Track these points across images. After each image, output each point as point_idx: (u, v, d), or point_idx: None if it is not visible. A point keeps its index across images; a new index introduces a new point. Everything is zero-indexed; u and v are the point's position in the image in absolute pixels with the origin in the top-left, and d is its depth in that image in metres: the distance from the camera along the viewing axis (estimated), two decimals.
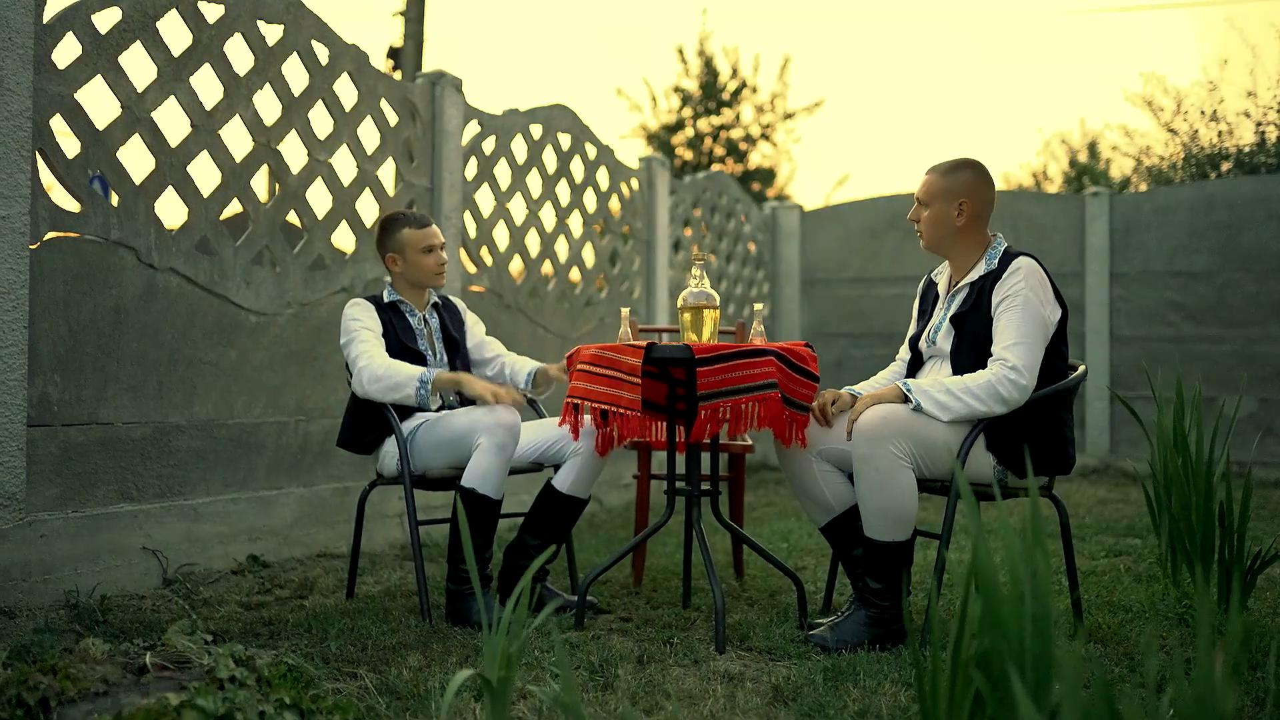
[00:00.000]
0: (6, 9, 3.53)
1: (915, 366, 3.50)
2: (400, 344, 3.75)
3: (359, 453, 3.74)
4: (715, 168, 16.14)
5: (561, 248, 6.48)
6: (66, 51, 3.78)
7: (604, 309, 6.83)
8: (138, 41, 4.00)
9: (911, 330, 3.60)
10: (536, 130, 6.19)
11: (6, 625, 3.36)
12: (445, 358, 3.90)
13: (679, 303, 3.40)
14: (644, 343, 3.18)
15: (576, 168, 6.58)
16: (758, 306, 3.46)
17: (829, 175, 40.20)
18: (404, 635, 3.25)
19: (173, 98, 4.15)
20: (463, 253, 5.64)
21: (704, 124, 16.97)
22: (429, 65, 16.68)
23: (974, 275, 3.31)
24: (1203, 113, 10.71)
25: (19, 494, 3.58)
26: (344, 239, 4.98)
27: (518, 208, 6.09)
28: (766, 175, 16.84)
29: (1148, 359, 8.14)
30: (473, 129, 5.70)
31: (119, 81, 3.94)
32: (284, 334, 4.60)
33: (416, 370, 3.53)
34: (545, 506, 3.65)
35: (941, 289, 3.46)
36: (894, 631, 3.18)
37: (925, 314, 3.52)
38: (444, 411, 3.64)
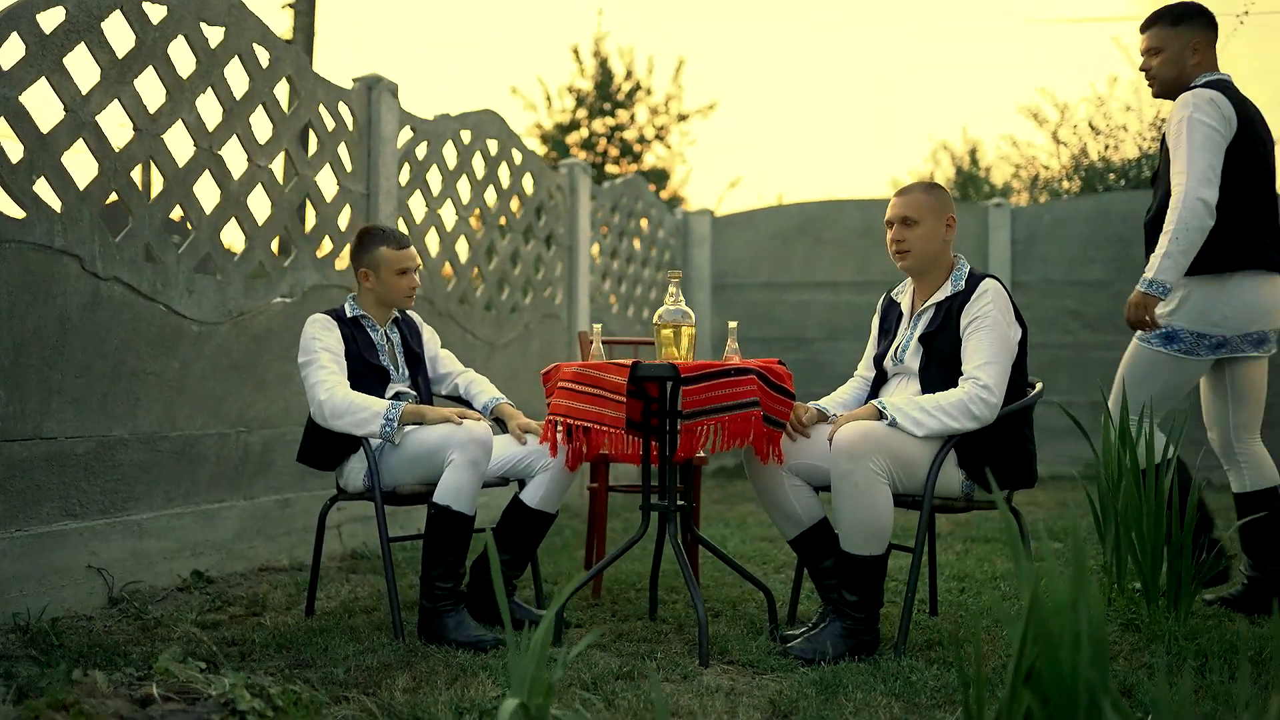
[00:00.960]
0: None
1: (879, 383, 3.59)
2: (362, 359, 3.71)
3: (322, 469, 3.68)
4: (610, 169, 16.20)
5: (489, 254, 6.45)
6: (10, 52, 3.64)
7: (528, 315, 6.81)
8: (82, 43, 3.86)
9: (873, 349, 3.70)
10: (466, 136, 6.15)
11: None
12: (407, 371, 3.86)
13: (655, 319, 3.44)
14: (628, 361, 3.21)
15: (504, 173, 6.55)
16: (732, 324, 3.51)
17: (724, 178, 40.68)
18: (383, 655, 3.21)
19: (116, 101, 4.02)
20: None
21: (599, 124, 17.01)
22: (320, 60, 16.36)
23: (940, 296, 3.42)
24: (1091, 126, 11.16)
25: None
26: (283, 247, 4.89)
27: (448, 214, 6.05)
28: (660, 177, 16.95)
29: (1048, 365, 8.45)
30: (405, 134, 5.64)
31: (64, 84, 3.80)
32: (225, 344, 4.49)
33: (381, 405, 3.49)
34: (514, 521, 3.64)
35: (905, 308, 3.56)
36: (868, 642, 3.27)
37: (888, 332, 3.62)
38: (412, 427, 3.61)
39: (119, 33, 4.02)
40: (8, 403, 3.63)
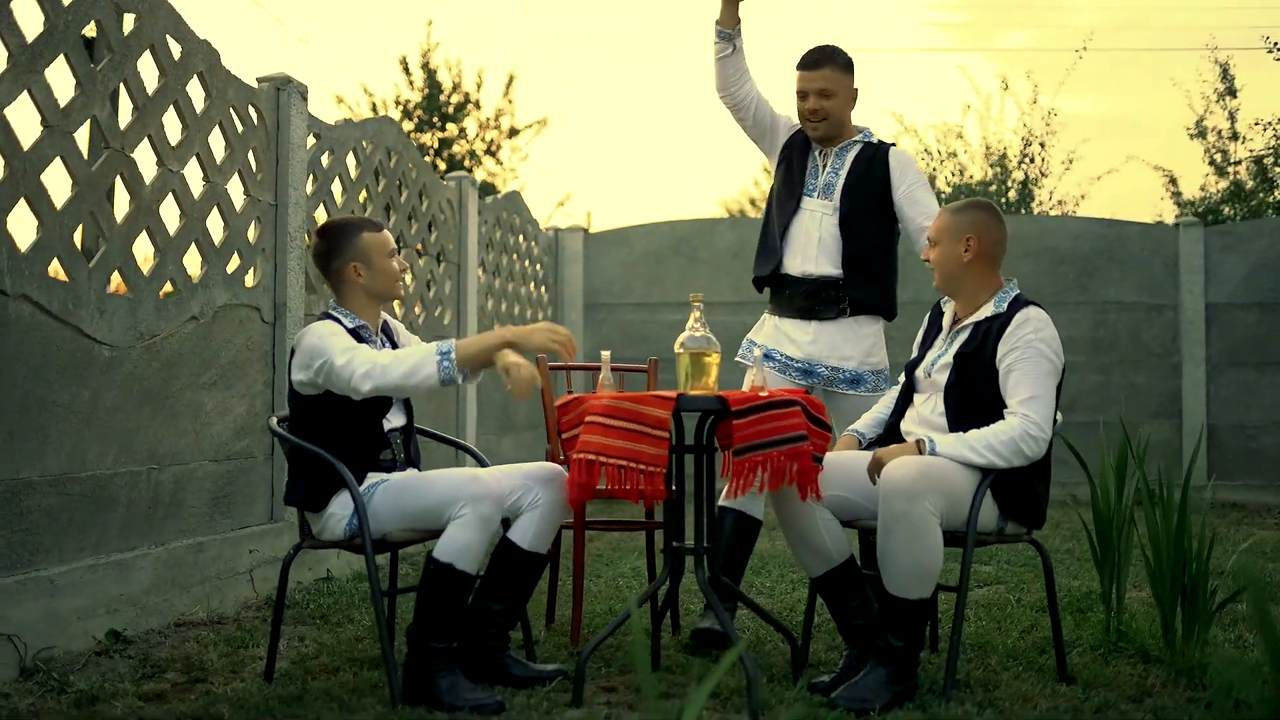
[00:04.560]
0: None
1: (908, 394, 3.43)
2: None
3: (317, 510, 3.23)
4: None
5: None
6: None
7: (423, 336, 6.40)
8: None
9: (914, 354, 3.51)
10: (367, 145, 5.72)
11: None
12: None
13: (677, 346, 3.16)
14: (673, 393, 2.93)
15: (401, 186, 6.14)
16: (756, 351, 3.28)
17: (554, 196, 40.62)
18: None
19: (26, 93, 3.49)
20: (306, 277, 5.09)
21: (427, 138, 16.53)
22: None
23: (980, 315, 3.29)
24: (939, 151, 11.47)
25: None
26: (192, 262, 4.38)
27: None
28: (489, 192, 16.60)
29: None
30: (309, 141, 5.18)
31: None
32: (136, 370, 3.97)
33: (429, 347, 3.07)
34: (505, 566, 3.29)
35: (945, 321, 3.42)
36: (910, 686, 3.08)
37: (926, 341, 3.47)
38: (409, 473, 3.23)
39: (30, 14, 3.50)
40: None
